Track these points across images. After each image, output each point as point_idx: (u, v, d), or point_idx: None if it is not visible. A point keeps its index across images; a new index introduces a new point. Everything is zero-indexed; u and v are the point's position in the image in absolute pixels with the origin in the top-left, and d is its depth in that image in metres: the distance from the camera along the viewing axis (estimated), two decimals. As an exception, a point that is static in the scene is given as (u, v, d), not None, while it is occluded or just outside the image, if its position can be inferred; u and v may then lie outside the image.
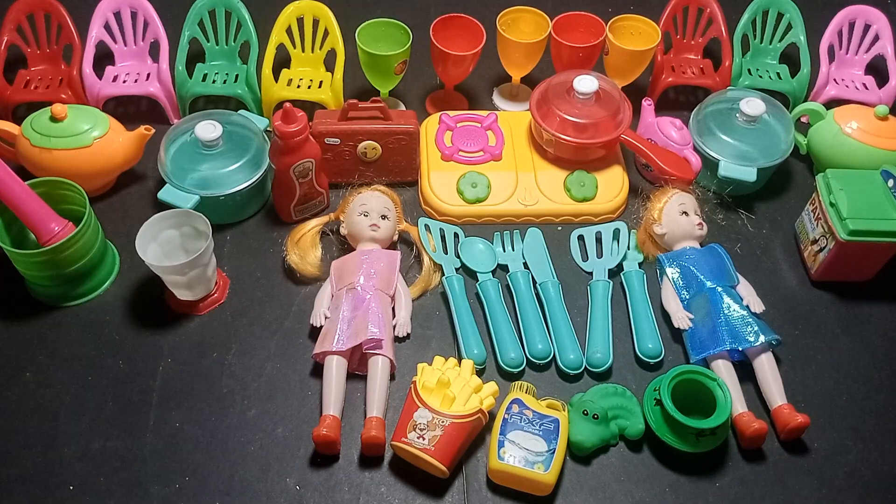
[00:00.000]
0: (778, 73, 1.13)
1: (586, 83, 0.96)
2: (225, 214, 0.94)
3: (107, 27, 1.08)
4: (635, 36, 1.07)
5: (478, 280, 0.89)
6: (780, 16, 1.13)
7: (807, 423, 0.77)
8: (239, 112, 0.99)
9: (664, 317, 0.88)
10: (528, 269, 0.91)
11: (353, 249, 0.90)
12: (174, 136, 0.95)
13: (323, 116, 0.95)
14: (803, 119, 1.06)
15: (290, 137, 0.85)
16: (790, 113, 1.03)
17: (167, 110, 1.07)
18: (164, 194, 0.90)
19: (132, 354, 0.84)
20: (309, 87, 1.07)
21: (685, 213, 0.90)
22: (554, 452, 0.73)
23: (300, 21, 1.08)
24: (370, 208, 0.89)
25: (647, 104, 1.03)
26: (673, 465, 0.77)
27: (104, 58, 1.09)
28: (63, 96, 1.03)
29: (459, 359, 0.82)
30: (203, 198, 0.90)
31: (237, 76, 1.08)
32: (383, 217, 0.89)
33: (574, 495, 0.75)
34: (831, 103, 1.06)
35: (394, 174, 0.99)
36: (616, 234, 0.95)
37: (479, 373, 0.82)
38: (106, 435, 0.78)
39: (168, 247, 0.86)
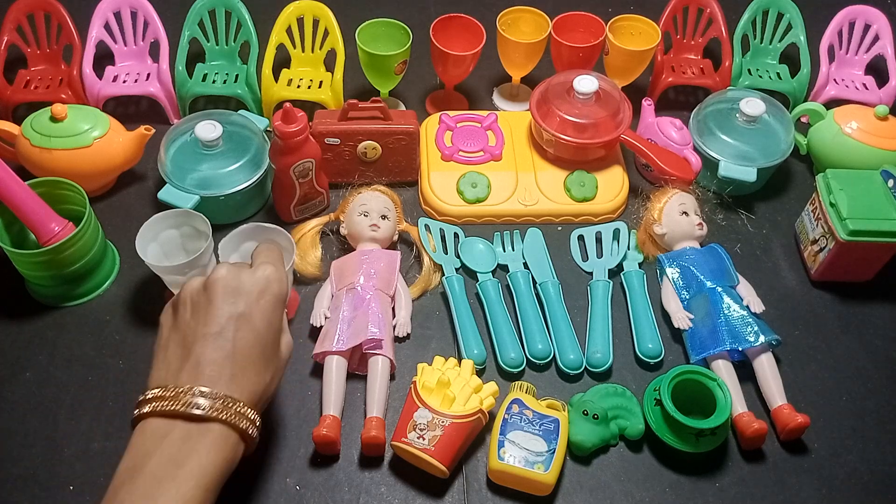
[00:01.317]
0: (778, 73, 1.13)
1: (586, 83, 0.96)
2: (225, 214, 0.94)
3: (107, 27, 1.08)
4: (635, 36, 1.07)
5: (478, 280, 0.89)
6: (780, 16, 1.13)
7: (807, 423, 0.77)
8: (239, 112, 0.99)
9: (664, 317, 0.88)
10: (528, 269, 0.91)
11: (353, 249, 0.90)
12: (174, 136, 0.95)
13: (323, 116, 0.95)
14: (803, 119, 1.06)
15: (290, 137, 0.85)
16: (790, 113, 1.03)
17: (167, 110, 1.07)
18: (164, 194, 0.90)
19: (132, 354, 0.84)
20: (309, 87, 1.07)
21: (685, 213, 0.90)
22: (554, 452, 0.73)
23: (300, 21, 1.08)
24: (370, 208, 0.89)
25: (647, 104, 1.03)
26: (673, 465, 0.77)
27: (104, 58, 1.09)
28: (63, 96, 1.03)
29: (459, 359, 0.82)
30: (203, 198, 0.90)
31: (237, 76, 1.08)
32: (383, 217, 0.89)
33: (574, 495, 0.75)
34: (831, 103, 1.06)
35: (394, 174, 0.99)
36: (616, 234, 0.95)
37: (479, 373, 0.82)
38: (106, 435, 0.78)
39: (168, 247, 0.86)
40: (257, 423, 0.61)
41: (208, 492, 0.56)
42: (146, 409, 0.58)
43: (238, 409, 0.59)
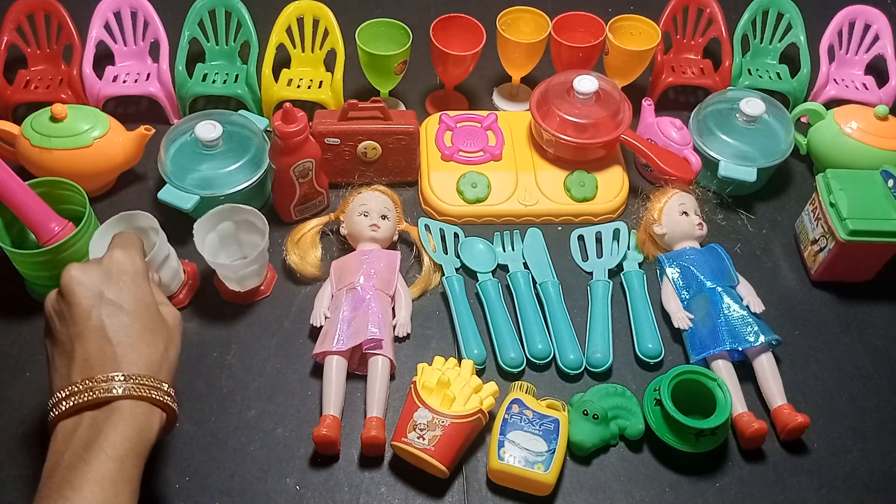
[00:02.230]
0: (778, 73, 1.13)
1: (586, 83, 0.96)
2: (225, 214, 0.94)
3: (107, 27, 1.08)
4: (635, 36, 1.07)
5: (478, 280, 0.89)
6: (780, 16, 1.13)
7: (807, 423, 0.77)
8: (239, 112, 0.99)
9: (664, 317, 0.88)
10: (528, 269, 0.91)
11: (353, 249, 0.90)
12: (174, 136, 0.95)
13: (323, 116, 0.95)
14: (803, 119, 1.06)
15: (290, 137, 0.85)
16: (790, 113, 1.03)
17: (167, 110, 1.07)
18: (164, 194, 0.90)
19: (132, 354, 0.84)
20: (309, 87, 1.07)
21: (685, 213, 0.90)
22: (554, 452, 0.73)
23: (300, 21, 1.08)
24: (370, 208, 0.89)
25: (647, 104, 1.03)
26: (673, 465, 0.77)
27: (104, 58, 1.09)
28: (63, 96, 1.03)
29: (459, 359, 0.82)
30: (203, 198, 0.90)
31: (237, 76, 1.08)
32: (383, 217, 0.89)
33: (574, 495, 0.75)
34: (831, 103, 1.06)
35: (394, 174, 0.99)
36: (616, 234, 0.95)
37: (479, 373, 0.82)
38: (106, 435, 0.78)
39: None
40: (167, 390, 0.63)
41: (124, 461, 0.58)
42: (53, 414, 0.60)
43: (138, 382, 0.61)
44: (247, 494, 0.75)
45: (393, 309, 0.86)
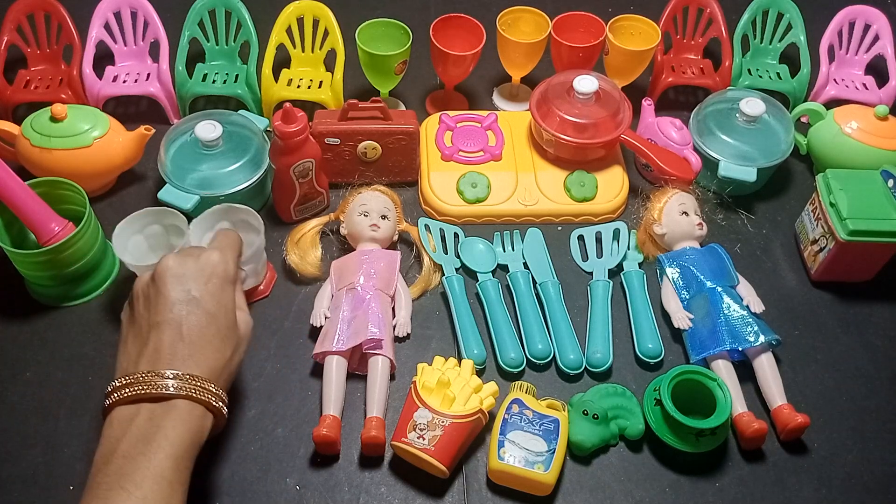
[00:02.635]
0: (778, 73, 1.13)
1: (586, 83, 0.96)
2: (225, 214, 0.94)
3: (107, 27, 1.08)
4: (635, 36, 1.07)
5: (478, 280, 0.89)
6: (780, 16, 1.13)
7: (807, 423, 0.77)
8: (239, 112, 0.99)
9: (664, 317, 0.88)
10: (528, 269, 0.91)
11: (353, 249, 0.90)
12: (174, 136, 0.95)
13: (323, 116, 0.95)
14: (803, 119, 1.06)
15: (290, 137, 0.85)
16: (790, 113, 1.03)
17: (167, 110, 1.07)
18: (164, 194, 0.91)
19: (132, 354, 0.84)
20: (309, 87, 1.07)
21: (685, 213, 0.90)
22: (554, 452, 0.73)
23: (300, 21, 1.08)
24: (370, 208, 0.89)
25: (647, 104, 1.03)
26: (673, 465, 0.77)
27: (104, 58, 1.09)
28: (63, 96, 1.03)
29: (459, 359, 0.82)
30: (203, 198, 0.90)
31: (237, 76, 1.08)
32: (383, 217, 0.89)
33: (574, 495, 0.75)
34: (831, 103, 1.06)
35: (394, 174, 0.99)
36: (616, 234, 0.95)
37: (479, 373, 0.82)
38: (106, 435, 0.78)
39: (153, 241, 0.86)
40: (222, 396, 0.65)
41: (179, 461, 0.59)
42: (112, 399, 0.62)
43: (199, 385, 0.62)
44: (247, 494, 0.75)
45: (393, 309, 0.86)
